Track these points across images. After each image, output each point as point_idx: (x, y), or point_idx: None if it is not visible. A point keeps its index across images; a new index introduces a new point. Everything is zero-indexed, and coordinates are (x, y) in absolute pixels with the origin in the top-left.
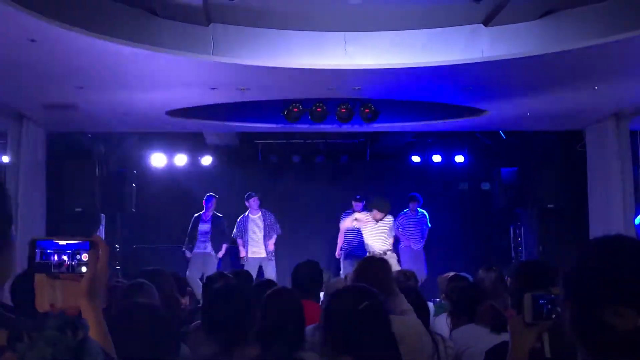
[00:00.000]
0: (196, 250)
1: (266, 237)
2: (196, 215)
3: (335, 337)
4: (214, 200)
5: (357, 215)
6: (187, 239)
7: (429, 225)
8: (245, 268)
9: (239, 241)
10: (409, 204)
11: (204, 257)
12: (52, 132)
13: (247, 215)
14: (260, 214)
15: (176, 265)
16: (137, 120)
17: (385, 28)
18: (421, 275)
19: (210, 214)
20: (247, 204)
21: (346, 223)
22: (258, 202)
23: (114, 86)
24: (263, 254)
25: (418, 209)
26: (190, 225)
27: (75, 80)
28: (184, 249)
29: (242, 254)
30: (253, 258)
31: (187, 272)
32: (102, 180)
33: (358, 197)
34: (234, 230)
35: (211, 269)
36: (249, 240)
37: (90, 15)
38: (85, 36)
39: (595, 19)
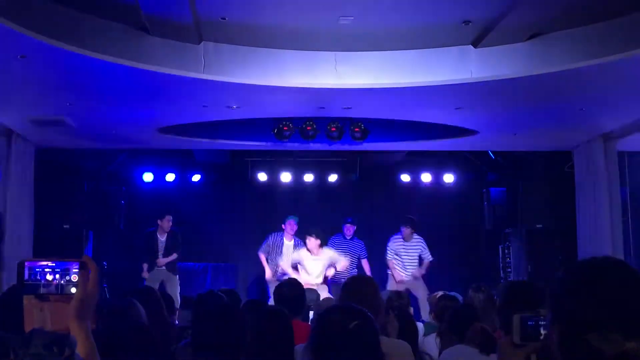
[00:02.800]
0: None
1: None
2: (149, 231)
3: (325, 356)
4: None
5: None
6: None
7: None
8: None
9: (263, 257)
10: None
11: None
12: (41, 148)
13: (282, 238)
14: (293, 241)
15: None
16: (127, 137)
17: (375, 48)
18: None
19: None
20: (283, 226)
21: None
22: (296, 227)
23: (104, 103)
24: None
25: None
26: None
27: (65, 97)
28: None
29: (268, 274)
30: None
31: None
32: (91, 197)
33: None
34: (263, 245)
35: (173, 287)
36: (272, 264)
37: (81, 32)
38: (76, 53)
39: (582, 42)
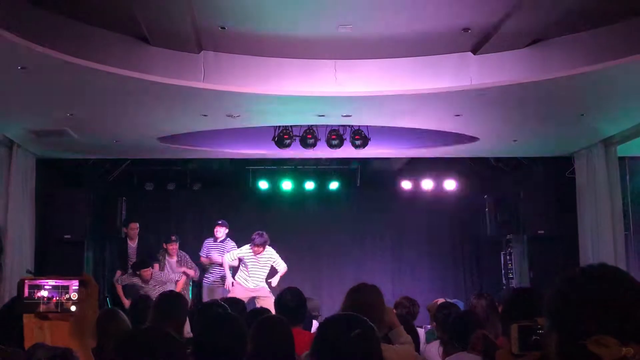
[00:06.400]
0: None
1: None
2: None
3: None
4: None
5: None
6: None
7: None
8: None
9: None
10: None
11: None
12: (42, 158)
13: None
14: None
15: None
16: (127, 146)
17: (374, 56)
18: None
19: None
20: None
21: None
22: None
23: (105, 113)
24: None
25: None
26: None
27: (66, 108)
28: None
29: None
30: None
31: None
32: (92, 207)
33: (219, 222)
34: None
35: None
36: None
37: (81, 43)
38: (77, 63)
39: (582, 47)
